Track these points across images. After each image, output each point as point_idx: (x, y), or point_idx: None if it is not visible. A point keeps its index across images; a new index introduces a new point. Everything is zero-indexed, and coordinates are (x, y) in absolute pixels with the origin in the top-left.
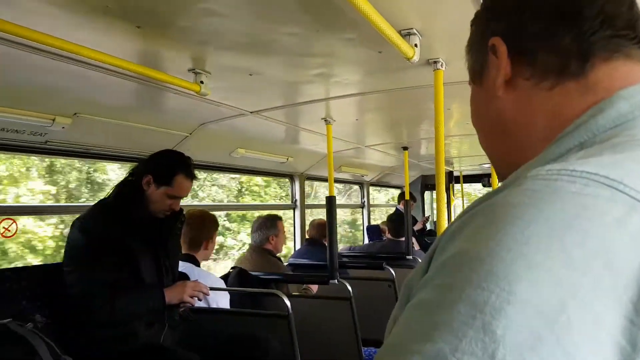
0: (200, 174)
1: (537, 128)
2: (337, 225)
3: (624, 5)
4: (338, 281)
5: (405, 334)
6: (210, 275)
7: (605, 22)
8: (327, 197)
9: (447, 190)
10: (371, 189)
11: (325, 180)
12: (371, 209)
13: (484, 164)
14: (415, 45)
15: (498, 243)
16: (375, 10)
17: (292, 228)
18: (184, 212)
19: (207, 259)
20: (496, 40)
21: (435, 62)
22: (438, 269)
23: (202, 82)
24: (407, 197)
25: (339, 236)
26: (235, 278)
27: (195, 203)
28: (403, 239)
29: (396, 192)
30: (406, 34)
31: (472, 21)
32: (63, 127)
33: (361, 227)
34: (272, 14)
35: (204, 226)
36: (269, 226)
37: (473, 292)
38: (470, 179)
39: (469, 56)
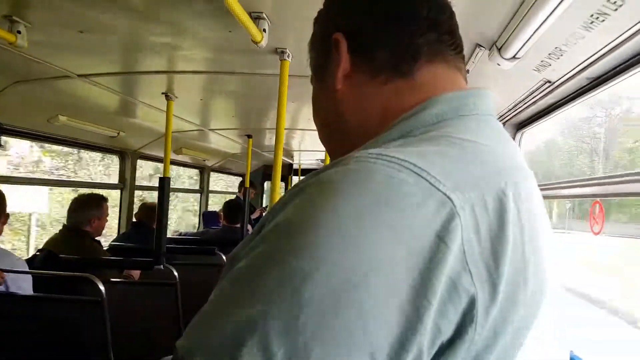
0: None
1: (371, 121)
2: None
3: (445, 13)
4: (164, 267)
5: (219, 300)
6: (10, 256)
7: (431, 26)
8: (160, 178)
9: (286, 182)
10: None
11: (161, 160)
12: (211, 195)
13: (320, 160)
14: (264, 30)
15: (315, 216)
16: None
17: (118, 209)
18: None
19: None
20: (338, 35)
21: (282, 52)
22: (259, 239)
23: (19, 32)
24: (247, 184)
25: (183, 223)
26: (43, 262)
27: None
28: (239, 225)
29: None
30: (256, 17)
31: (315, 19)
32: None
33: None
34: None
35: None
36: (92, 207)
37: (287, 259)
38: (309, 173)
39: (312, 53)
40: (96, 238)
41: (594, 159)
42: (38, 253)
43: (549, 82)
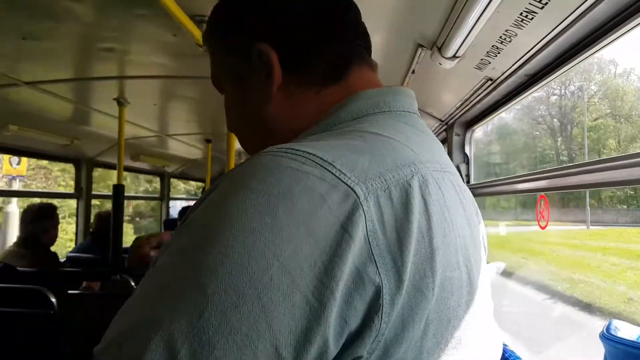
0: None
1: (304, 125)
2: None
3: (357, 17)
4: (120, 277)
5: (130, 301)
6: None
7: (355, 32)
8: (114, 186)
9: None
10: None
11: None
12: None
13: None
14: None
15: (222, 210)
16: None
17: (75, 219)
18: None
19: None
20: (264, 46)
21: None
22: (174, 237)
23: None
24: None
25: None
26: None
27: None
28: None
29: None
30: (200, 21)
31: (217, 17)
32: None
33: None
34: None
35: None
36: (46, 217)
37: (194, 255)
38: None
39: (220, 57)
40: (51, 249)
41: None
42: None
43: (491, 79)
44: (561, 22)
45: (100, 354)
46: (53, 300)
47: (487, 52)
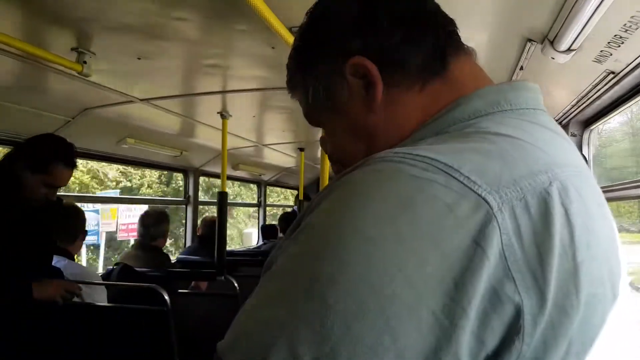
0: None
1: (402, 128)
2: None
3: (435, 3)
4: (225, 278)
5: (252, 301)
6: (85, 269)
7: (448, 22)
8: (218, 193)
9: None
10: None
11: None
12: (269, 208)
13: None
14: None
15: (339, 218)
16: (264, 4)
17: (184, 224)
18: (63, 203)
19: (79, 252)
20: (359, 59)
21: None
22: (290, 241)
23: (85, 62)
24: (301, 197)
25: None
26: (119, 275)
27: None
28: None
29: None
30: (297, 31)
31: (296, 58)
32: None
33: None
34: None
35: (77, 218)
36: (164, 221)
37: (313, 262)
38: None
39: (315, 92)
40: (163, 251)
41: None
42: (115, 266)
43: (613, 73)
44: None
45: (225, 349)
46: (166, 298)
47: (608, 42)
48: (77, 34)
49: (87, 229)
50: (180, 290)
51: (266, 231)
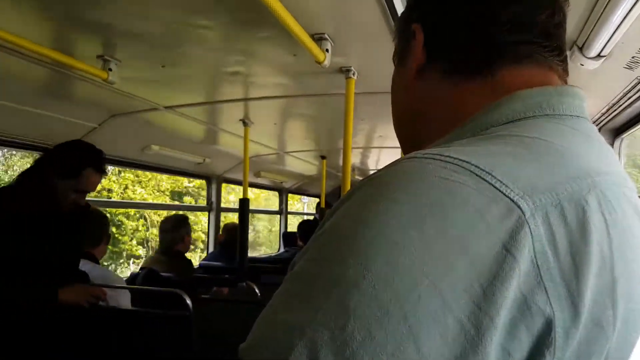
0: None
1: (437, 120)
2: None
3: (543, 13)
4: (247, 284)
5: (273, 305)
6: (110, 273)
7: (516, 28)
8: (240, 199)
9: None
10: None
11: (242, 184)
12: (290, 215)
13: None
14: (327, 50)
15: (362, 220)
16: (286, 11)
17: (207, 230)
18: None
19: (103, 256)
20: (416, 27)
21: (347, 71)
22: (311, 243)
23: (110, 69)
24: (322, 205)
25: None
26: (144, 279)
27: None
28: None
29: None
30: (318, 39)
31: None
32: None
33: None
34: (185, 3)
35: (102, 222)
36: (181, 226)
37: (333, 266)
38: None
39: (396, 40)
40: (186, 256)
41: None
42: (140, 271)
43: None
44: None
45: (246, 351)
46: (189, 302)
47: None
48: (103, 41)
49: None
50: (202, 296)
51: (287, 238)
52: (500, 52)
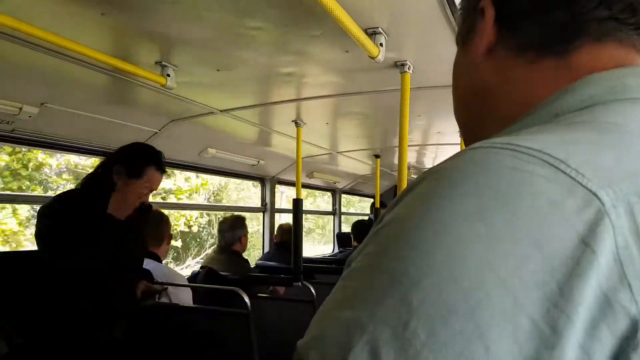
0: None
1: (511, 104)
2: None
3: None
4: (302, 284)
5: (331, 301)
6: (172, 271)
7: (602, 3)
8: (294, 200)
9: None
10: None
11: (295, 185)
12: (344, 216)
13: None
14: (381, 44)
15: (425, 214)
16: (339, 6)
17: (262, 230)
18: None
19: (166, 255)
20: (486, 3)
21: (402, 65)
22: (370, 237)
23: (168, 75)
24: (377, 205)
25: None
26: (204, 277)
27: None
28: None
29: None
30: (372, 33)
31: None
32: (30, 116)
33: None
34: (237, 6)
35: (162, 221)
36: (239, 227)
37: (395, 262)
38: None
39: (460, 19)
40: (243, 256)
41: None
42: (200, 269)
43: None
44: None
45: (304, 348)
46: (247, 301)
47: None
48: (160, 47)
49: None
50: (259, 294)
51: (342, 239)
52: (582, 29)
